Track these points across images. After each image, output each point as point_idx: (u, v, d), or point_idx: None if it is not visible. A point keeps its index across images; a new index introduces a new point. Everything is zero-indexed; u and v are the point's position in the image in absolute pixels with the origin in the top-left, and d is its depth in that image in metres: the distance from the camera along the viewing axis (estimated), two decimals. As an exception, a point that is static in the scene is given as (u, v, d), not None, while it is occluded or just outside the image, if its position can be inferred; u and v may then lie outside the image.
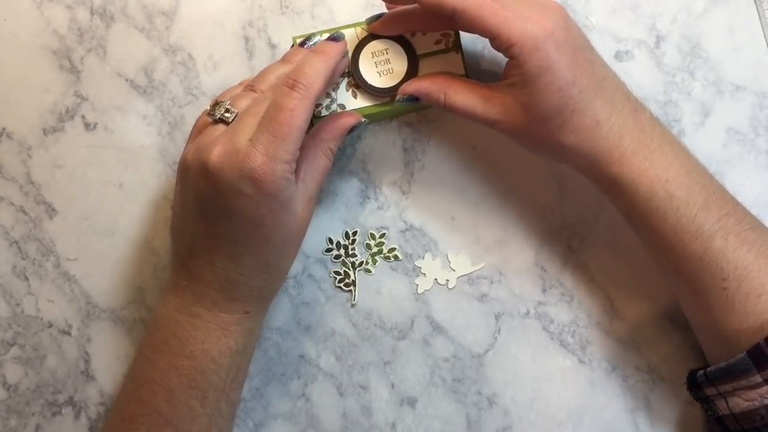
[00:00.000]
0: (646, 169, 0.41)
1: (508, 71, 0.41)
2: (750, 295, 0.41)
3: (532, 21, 0.39)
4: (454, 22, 0.43)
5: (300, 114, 0.39)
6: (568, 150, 0.42)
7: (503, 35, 0.39)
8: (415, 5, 0.43)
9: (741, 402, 0.41)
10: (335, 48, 0.42)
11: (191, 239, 0.42)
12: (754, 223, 0.42)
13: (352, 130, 0.45)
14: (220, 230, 0.40)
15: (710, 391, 0.43)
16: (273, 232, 0.41)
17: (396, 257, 0.50)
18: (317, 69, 0.40)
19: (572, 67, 0.40)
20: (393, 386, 0.50)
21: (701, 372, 0.44)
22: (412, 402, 0.50)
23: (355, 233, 0.50)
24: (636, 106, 0.43)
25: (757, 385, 0.40)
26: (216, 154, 0.39)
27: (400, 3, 0.44)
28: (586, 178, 0.44)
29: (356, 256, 0.50)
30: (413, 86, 0.44)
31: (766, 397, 0.40)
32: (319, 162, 0.43)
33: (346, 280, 0.50)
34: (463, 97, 0.43)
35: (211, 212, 0.40)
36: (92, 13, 0.51)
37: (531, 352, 0.50)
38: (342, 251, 0.50)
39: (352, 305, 0.50)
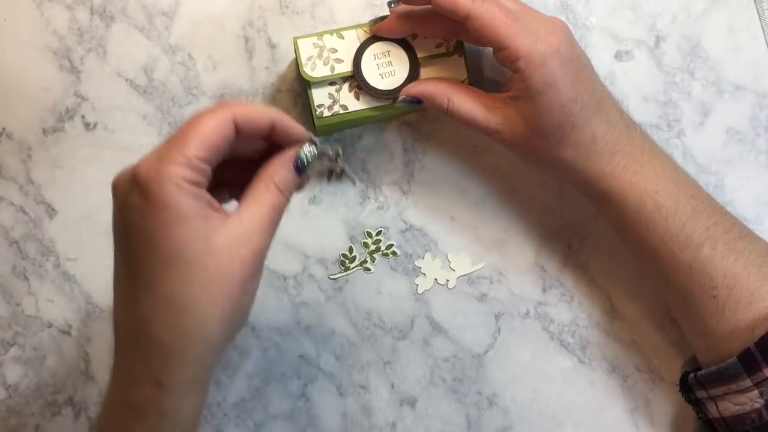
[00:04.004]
0: (636, 182, 0.42)
1: (512, 84, 0.41)
2: (740, 302, 0.41)
3: (540, 37, 0.40)
4: (458, 31, 0.43)
5: (205, 120, 0.32)
6: (564, 164, 0.42)
7: (511, 47, 0.39)
8: (424, 7, 0.43)
9: (731, 406, 0.41)
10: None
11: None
12: (743, 232, 0.43)
13: (301, 167, 0.36)
14: (118, 255, 0.35)
15: (701, 394, 0.43)
16: (170, 258, 0.32)
17: (394, 253, 0.50)
18: (249, 106, 0.34)
19: (575, 84, 0.40)
20: (393, 386, 0.50)
21: (692, 375, 0.44)
22: (412, 402, 0.50)
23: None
24: (628, 123, 0.43)
25: (746, 389, 0.40)
26: (119, 173, 0.34)
27: (413, 2, 0.44)
28: (579, 193, 0.45)
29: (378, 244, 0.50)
30: (417, 89, 0.44)
31: (755, 402, 0.40)
32: (264, 196, 0.35)
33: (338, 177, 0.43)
34: (466, 103, 0.43)
35: (114, 236, 0.35)
36: (92, 13, 0.51)
37: (531, 352, 0.50)
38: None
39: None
